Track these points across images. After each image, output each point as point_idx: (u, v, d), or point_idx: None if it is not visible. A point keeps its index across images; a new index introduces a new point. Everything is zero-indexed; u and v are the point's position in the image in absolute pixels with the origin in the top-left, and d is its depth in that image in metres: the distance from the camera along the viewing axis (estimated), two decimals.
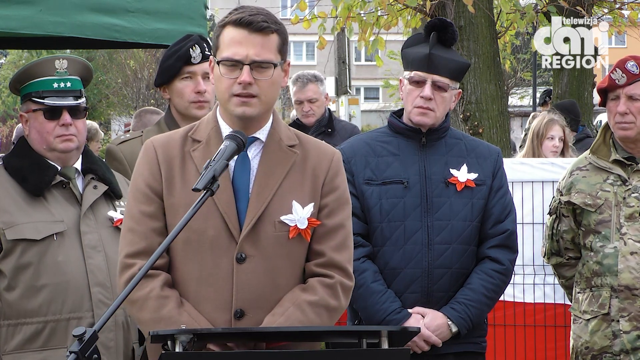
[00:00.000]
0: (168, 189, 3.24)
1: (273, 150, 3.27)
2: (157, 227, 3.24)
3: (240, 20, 3.18)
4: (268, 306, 3.21)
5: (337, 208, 3.31)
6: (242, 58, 3.18)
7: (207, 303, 3.20)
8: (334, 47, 24.92)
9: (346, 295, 3.29)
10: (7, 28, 5.01)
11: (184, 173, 3.24)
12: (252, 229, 3.20)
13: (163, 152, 3.27)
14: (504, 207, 4.29)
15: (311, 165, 3.30)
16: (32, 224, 3.96)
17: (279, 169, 3.26)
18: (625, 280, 4.41)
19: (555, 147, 7.36)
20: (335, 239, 3.29)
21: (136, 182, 3.29)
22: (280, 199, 3.23)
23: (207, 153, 3.23)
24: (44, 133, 4.08)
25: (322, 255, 3.27)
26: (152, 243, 3.20)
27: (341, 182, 3.35)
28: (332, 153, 3.37)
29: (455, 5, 9.21)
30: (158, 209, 3.25)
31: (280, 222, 3.23)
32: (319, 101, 7.46)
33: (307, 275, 3.28)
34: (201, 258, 3.20)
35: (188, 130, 3.33)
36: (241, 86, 3.18)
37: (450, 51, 4.31)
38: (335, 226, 3.30)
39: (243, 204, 3.22)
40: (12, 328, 3.96)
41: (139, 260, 3.19)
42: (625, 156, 4.53)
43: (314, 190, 3.28)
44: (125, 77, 32.47)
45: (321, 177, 3.30)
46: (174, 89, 4.55)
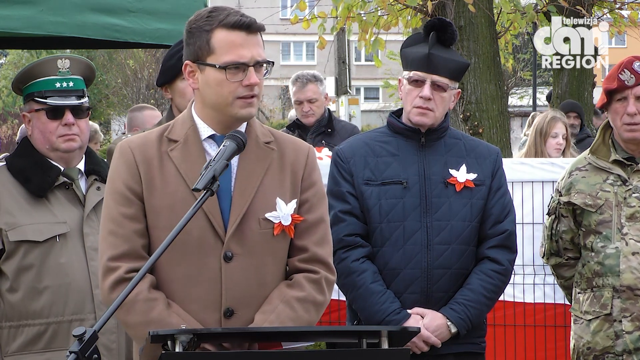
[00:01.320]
0: (148, 190, 3.23)
1: (251, 148, 3.27)
2: (138, 229, 3.22)
3: (238, 23, 3.18)
4: (256, 304, 3.22)
5: (317, 203, 3.33)
6: (248, 60, 3.19)
7: (195, 303, 3.20)
8: (334, 47, 24.92)
9: (330, 290, 3.32)
10: (8, 28, 5.02)
11: (163, 173, 3.24)
12: (238, 227, 3.21)
13: (140, 153, 3.26)
14: (503, 208, 4.29)
15: (289, 161, 3.32)
16: (34, 226, 3.96)
17: (259, 166, 3.27)
18: (627, 281, 4.41)
19: (559, 144, 7.35)
20: (317, 233, 3.31)
21: (114, 184, 3.26)
22: (262, 196, 3.24)
23: (186, 153, 3.24)
24: (46, 133, 4.08)
25: (305, 250, 3.29)
26: (134, 245, 3.20)
27: (317, 176, 3.38)
28: (307, 148, 3.40)
29: (456, 5, 9.21)
30: (138, 210, 3.23)
31: (265, 219, 3.24)
32: (318, 101, 7.47)
33: (290, 271, 3.30)
34: (187, 258, 3.20)
35: (163, 131, 3.32)
36: (248, 88, 3.19)
37: (450, 51, 4.31)
38: (316, 221, 3.32)
39: (226, 203, 3.23)
40: (14, 330, 3.96)
41: (122, 263, 3.18)
42: (625, 156, 4.53)
43: (294, 186, 3.30)
44: (125, 77, 32.48)
45: (300, 173, 3.32)
46: (175, 88, 4.57)
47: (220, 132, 3.27)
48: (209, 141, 3.28)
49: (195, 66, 3.24)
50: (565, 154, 7.27)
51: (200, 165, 3.13)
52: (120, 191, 3.24)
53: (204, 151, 3.26)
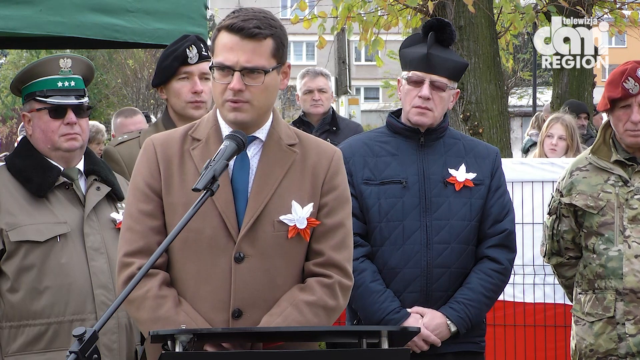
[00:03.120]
0: (167, 187, 3.24)
1: (272, 150, 3.26)
2: (155, 226, 3.23)
3: (232, 26, 3.17)
4: (266, 306, 3.20)
5: (337, 207, 3.30)
6: (233, 64, 3.17)
7: (204, 302, 3.20)
8: (334, 47, 24.91)
9: (345, 295, 3.28)
10: (7, 28, 5.02)
11: (183, 172, 3.24)
12: (251, 228, 3.20)
13: (162, 150, 3.27)
14: (502, 207, 4.29)
15: (311, 164, 3.29)
16: (35, 226, 3.96)
17: (278, 168, 3.25)
18: (630, 284, 4.40)
19: (553, 145, 7.33)
20: (335, 238, 3.28)
21: (136, 181, 3.29)
22: (279, 199, 3.23)
23: (206, 152, 3.24)
24: (48, 132, 4.08)
25: (321, 254, 3.26)
26: (150, 242, 3.21)
27: (341, 181, 3.34)
28: (333, 151, 3.36)
29: (455, 5, 9.21)
30: (157, 207, 3.24)
31: (279, 221, 3.22)
32: (327, 93, 7.51)
33: (306, 275, 3.28)
34: (199, 257, 3.20)
35: (188, 129, 3.33)
36: (232, 92, 3.18)
37: (449, 51, 4.31)
38: (335, 225, 3.29)
39: (242, 204, 3.22)
40: (14, 330, 3.96)
41: (137, 259, 3.19)
42: (626, 157, 4.52)
43: (314, 189, 3.28)
44: (125, 77, 32.47)
45: (321, 176, 3.29)
46: (171, 89, 4.55)
47: None
48: None
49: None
50: (569, 154, 7.22)
51: None
52: (140, 188, 3.26)
53: None
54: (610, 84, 4.48)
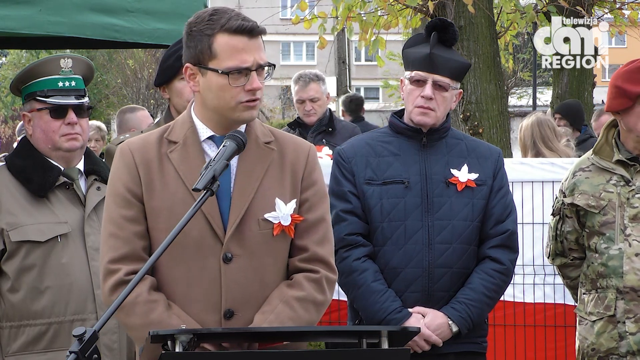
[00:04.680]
0: (148, 192, 3.23)
1: (251, 148, 3.26)
2: (139, 231, 3.22)
3: (240, 28, 3.17)
4: (257, 304, 3.21)
5: (317, 202, 3.32)
6: (250, 65, 3.18)
7: (195, 304, 3.20)
8: (334, 47, 24.90)
9: (331, 289, 3.31)
10: (7, 28, 5.02)
11: (163, 175, 3.24)
12: (237, 228, 3.20)
13: (140, 155, 3.26)
14: (504, 207, 4.29)
15: (289, 160, 3.31)
16: (36, 226, 3.96)
17: (258, 166, 3.26)
18: (630, 282, 4.40)
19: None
20: (317, 233, 3.30)
21: (115, 187, 3.27)
22: (262, 197, 3.24)
23: (185, 154, 3.24)
24: (49, 132, 4.08)
25: (306, 250, 3.28)
26: (135, 247, 3.20)
27: (318, 176, 3.37)
28: (308, 147, 3.39)
29: (456, 5, 9.21)
30: (139, 212, 3.23)
31: (264, 219, 3.23)
32: (320, 100, 7.48)
33: (291, 271, 3.30)
34: (186, 260, 3.20)
35: (163, 132, 3.31)
36: (250, 93, 3.19)
37: (451, 51, 4.31)
38: (317, 220, 3.31)
39: (225, 204, 3.22)
40: (15, 330, 3.96)
41: (123, 265, 3.18)
42: (628, 156, 4.51)
43: (294, 186, 3.30)
44: (125, 77, 32.49)
45: (300, 172, 3.31)
46: (173, 88, 4.57)
47: (219, 133, 3.26)
48: (208, 142, 3.28)
49: (196, 69, 3.23)
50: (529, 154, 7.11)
51: (199, 166, 3.12)
52: (121, 193, 3.24)
53: (203, 152, 3.26)
54: (629, 80, 4.41)
